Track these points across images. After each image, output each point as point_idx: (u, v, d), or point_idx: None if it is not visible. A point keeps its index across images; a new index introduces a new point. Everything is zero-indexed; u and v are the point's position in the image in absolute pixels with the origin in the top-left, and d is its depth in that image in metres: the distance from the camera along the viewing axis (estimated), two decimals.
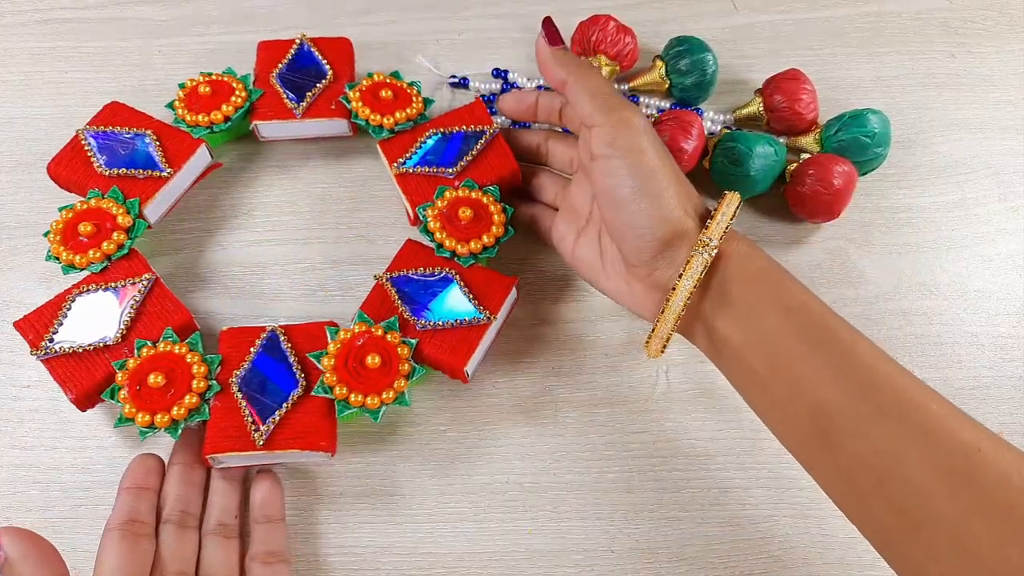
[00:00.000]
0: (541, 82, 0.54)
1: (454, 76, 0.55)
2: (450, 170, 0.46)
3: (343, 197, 0.50)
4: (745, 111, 0.52)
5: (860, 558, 0.40)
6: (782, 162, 0.48)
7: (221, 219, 0.49)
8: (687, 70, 0.51)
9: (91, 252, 0.43)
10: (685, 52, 0.51)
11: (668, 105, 0.53)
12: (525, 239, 0.49)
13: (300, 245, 0.49)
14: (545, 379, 0.44)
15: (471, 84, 0.54)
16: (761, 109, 0.51)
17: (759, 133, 0.49)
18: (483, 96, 0.54)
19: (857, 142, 0.47)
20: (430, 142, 0.48)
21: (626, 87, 0.54)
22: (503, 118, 0.52)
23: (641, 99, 0.54)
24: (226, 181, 0.51)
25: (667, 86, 0.53)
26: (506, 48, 0.56)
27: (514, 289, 0.44)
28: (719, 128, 0.52)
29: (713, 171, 0.49)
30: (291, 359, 0.41)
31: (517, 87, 0.54)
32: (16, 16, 0.58)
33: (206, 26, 0.57)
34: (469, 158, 0.47)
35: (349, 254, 0.48)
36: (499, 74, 0.54)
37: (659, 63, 0.52)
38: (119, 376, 0.40)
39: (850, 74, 0.54)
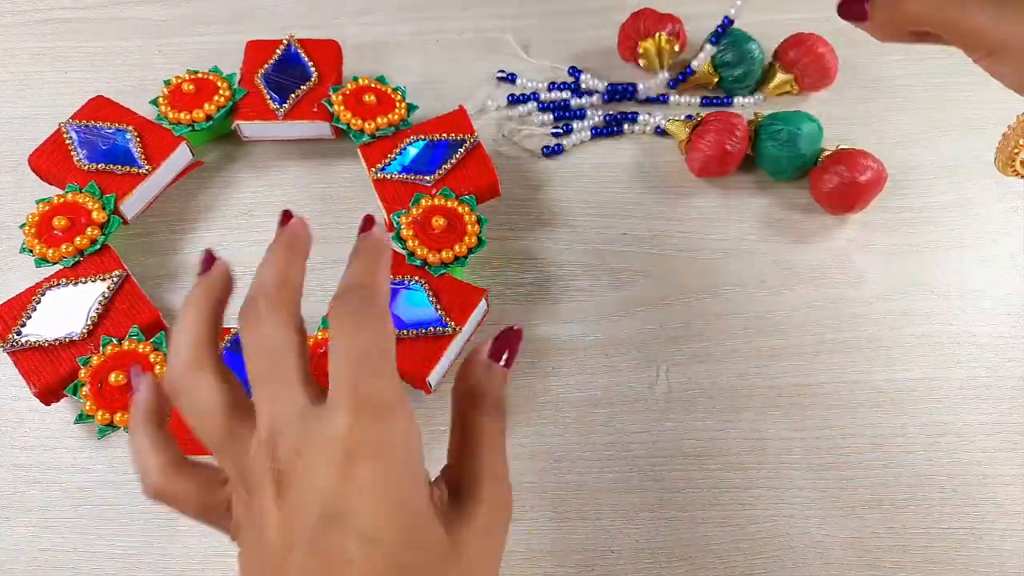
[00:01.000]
0: (544, 84, 0.54)
1: (502, 71, 0.55)
2: (428, 178, 0.46)
3: (325, 189, 0.50)
4: (774, 84, 0.53)
5: (860, 558, 0.40)
6: (821, 138, 0.49)
7: (202, 218, 0.49)
8: (735, 61, 0.52)
9: (64, 246, 0.43)
10: (731, 44, 0.52)
11: (699, 100, 0.54)
12: (508, 245, 0.49)
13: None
14: (545, 379, 0.44)
15: (519, 80, 0.55)
16: (789, 78, 0.52)
17: (795, 112, 0.50)
18: (524, 96, 0.54)
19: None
20: (411, 149, 0.47)
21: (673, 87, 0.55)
22: (505, 131, 0.52)
23: (672, 98, 0.54)
24: (207, 179, 0.51)
25: (716, 80, 0.53)
26: (506, 48, 0.56)
27: (484, 301, 0.43)
28: (751, 114, 0.53)
29: (762, 156, 0.50)
30: None
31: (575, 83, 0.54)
32: (16, 16, 0.58)
33: (206, 26, 0.57)
34: (448, 166, 0.47)
35: (349, 254, 0.48)
36: (573, 72, 0.55)
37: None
38: (82, 372, 0.40)
39: (848, 76, 0.53)
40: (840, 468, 0.42)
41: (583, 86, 0.54)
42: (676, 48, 0.54)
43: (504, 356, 0.30)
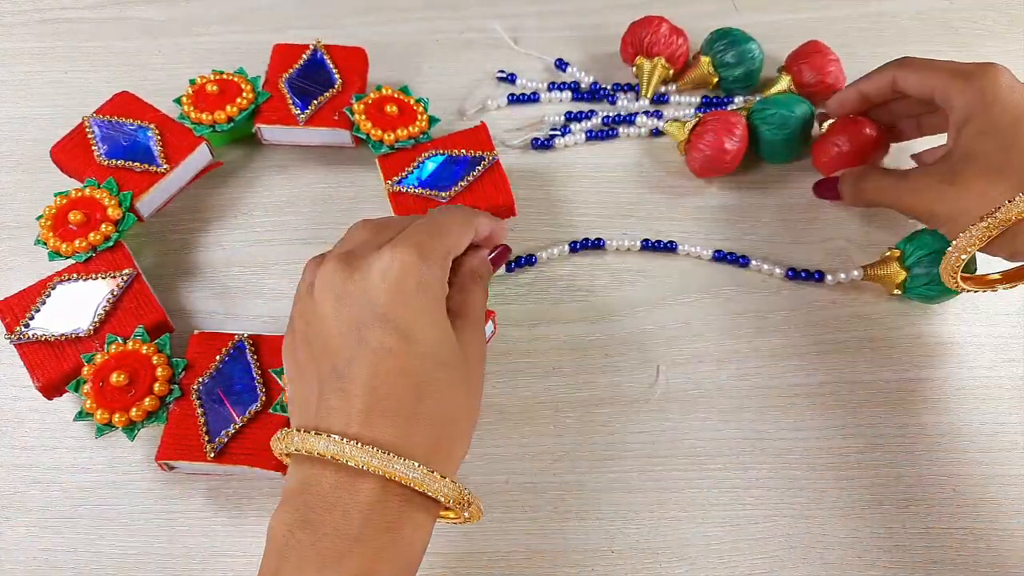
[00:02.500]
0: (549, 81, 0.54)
1: (502, 71, 0.55)
2: (443, 194, 0.46)
3: (343, 197, 0.50)
4: (774, 90, 0.52)
5: (860, 558, 0.40)
6: (812, 117, 0.50)
7: (219, 218, 0.49)
8: (736, 61, 0.52)
9: (77, 241, 0.43)
10: (731, 44, 0.52)
11: (698, 99, 0.54)
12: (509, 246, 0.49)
13: (300, 245, 0.49)
14: (545, 379, 0.44)
15: (518, 80, 0.55)
16: (791, 86, 0.52)
17: (787, 95, 0.50)
18: (524, 96, 0.54)
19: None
20: (429, 163, 0.47)
21: (673, 87, 0.54)
22: (517, 142, 0.52)
23: (671, 98, 0.54)
24: (226, 180, 0.51)
25: (716, 80, 0.53)
26: (506, 47, 0.56)
27: (491, 322, 0.43)
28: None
29: (758, 143, 0.50)
30: (255, 372, 0.41)
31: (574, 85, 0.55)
32: (16, 16, 0.58)
33: (206, 26, 0.57)
34: (464, 183, 0.46)
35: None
36: (561, 65, 0.55)
37: (704, 59, 0.53)
38: (85, 370, 0.40)
39: (851, 74, 0.53)
40: (840, 468, 0.42)
41: (568, 80, 0.55)
42: (671, 73, 0.54)
43: (493, 260, 0.40)
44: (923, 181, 0.41)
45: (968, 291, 0.42)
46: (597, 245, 0.48)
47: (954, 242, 0.39)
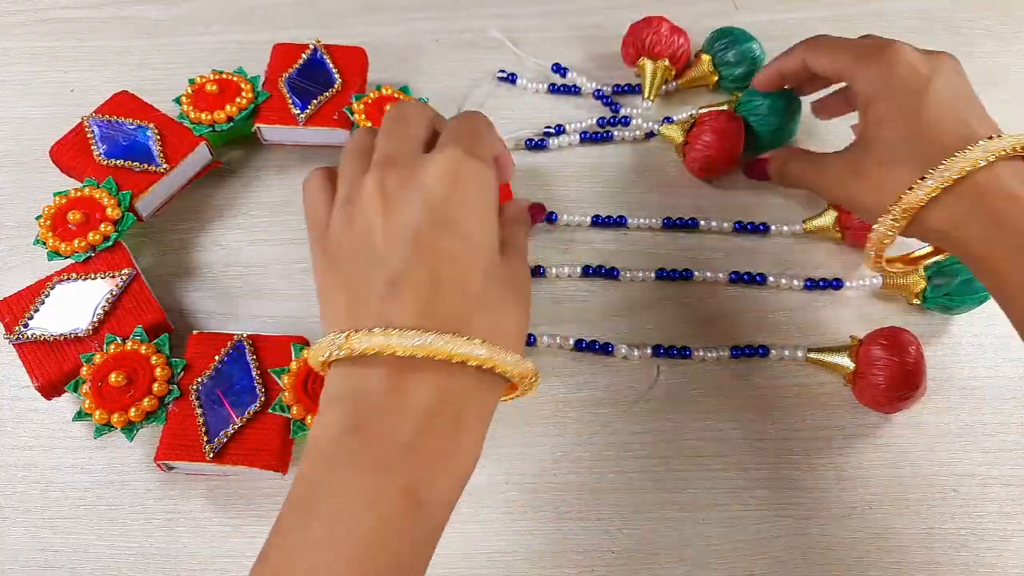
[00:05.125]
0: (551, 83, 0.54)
1: (502, 71, 0.55)
2: None
3: None
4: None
5: (860, 558, 0.40)
6: (800, 107, 0.50)
7: (219, 218, 0.49)
8: (736, 60, 0.52)
9: (76, 241, 0.43)
10: (731, 43, 0.52)
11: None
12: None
13: (300, 245, 0.49)
14: (545, 379, 0.44)
15: (519, 80, 0.55)
16: None
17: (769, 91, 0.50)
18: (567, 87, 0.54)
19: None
20: None
21: (673, 85, 0.54)
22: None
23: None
24: (226, 180, 0.51)
25: (716, 79, 0.53)
26: (506, 48, 0.56)
27: None
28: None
29: (754, 135, 0.49)
30: (254, 372, 0.41)
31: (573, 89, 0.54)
32: (16, 16, 0.58)
33: (206, 26, 0.57)
34: None
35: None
36: (559, 69, 0.55)
37: (705, 57, 0.53)
38: (84, 370, 0.40)
39: None
40: (840, 468, 0.42)
41: (570, 83, 0.54)
42: (673, 73, 0.53)
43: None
44: (832, 170, 0.39)
45: (894, 273, 0.43)
46: (609, 275, 0.47)
47: (871, 234, 0.38)
